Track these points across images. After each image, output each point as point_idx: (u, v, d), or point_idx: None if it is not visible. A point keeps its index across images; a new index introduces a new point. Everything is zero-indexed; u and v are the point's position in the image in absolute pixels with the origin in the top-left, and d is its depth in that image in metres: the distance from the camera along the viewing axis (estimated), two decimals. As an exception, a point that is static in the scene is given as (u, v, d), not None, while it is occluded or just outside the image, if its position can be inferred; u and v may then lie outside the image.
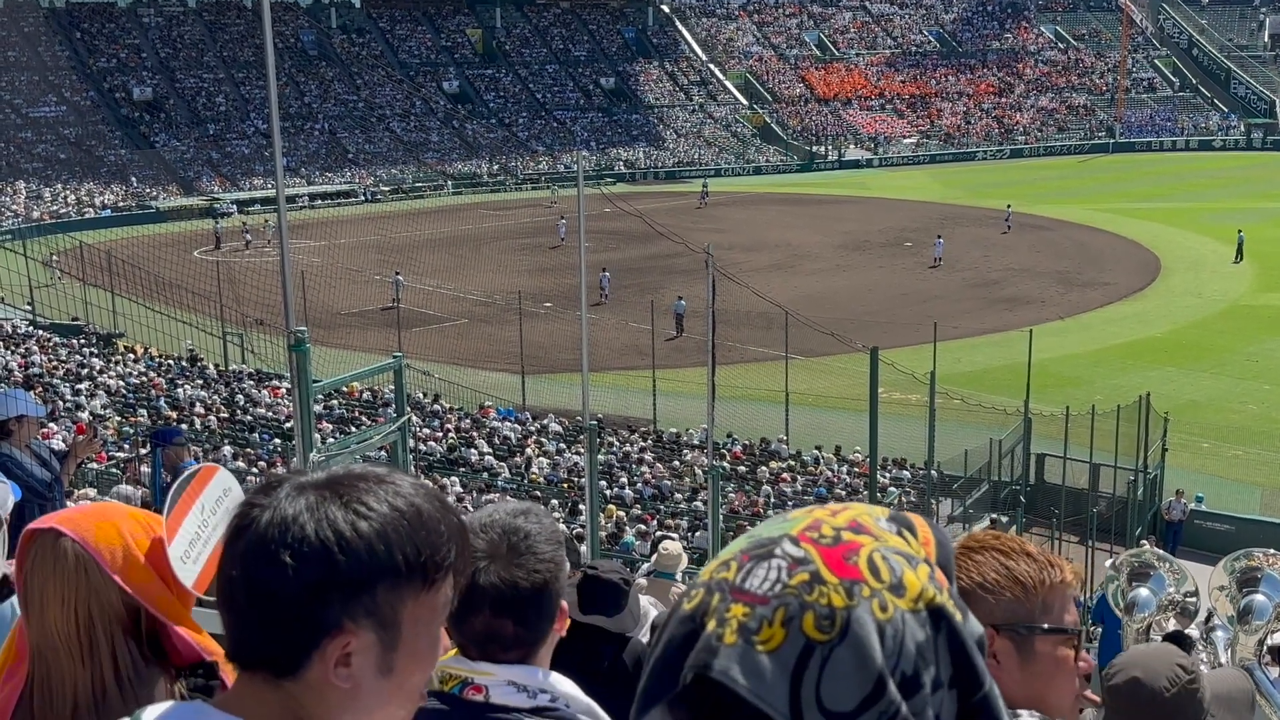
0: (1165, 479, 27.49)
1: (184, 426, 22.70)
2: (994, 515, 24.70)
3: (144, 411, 25.17)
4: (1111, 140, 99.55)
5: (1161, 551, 5.99)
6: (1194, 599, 4.28)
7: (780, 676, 1.00)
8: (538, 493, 21.90)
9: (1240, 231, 51.39)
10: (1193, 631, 8.57)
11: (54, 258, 43.14)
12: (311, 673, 1.35)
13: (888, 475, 25.24)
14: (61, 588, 2.04)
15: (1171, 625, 4.60)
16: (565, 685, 2.10)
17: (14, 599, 3.18)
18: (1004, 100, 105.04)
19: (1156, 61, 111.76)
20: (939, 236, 53.03)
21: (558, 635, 2.14)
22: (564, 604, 2.13)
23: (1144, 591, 4.22)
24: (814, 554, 1.06)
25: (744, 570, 1.06)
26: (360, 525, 1.34)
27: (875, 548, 1.07)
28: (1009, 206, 62.22)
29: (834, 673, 1.01)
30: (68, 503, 7.73)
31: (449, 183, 79.88)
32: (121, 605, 2.06)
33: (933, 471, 25.40)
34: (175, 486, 2.19)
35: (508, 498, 20.81)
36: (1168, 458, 27.88)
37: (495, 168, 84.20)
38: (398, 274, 43.13)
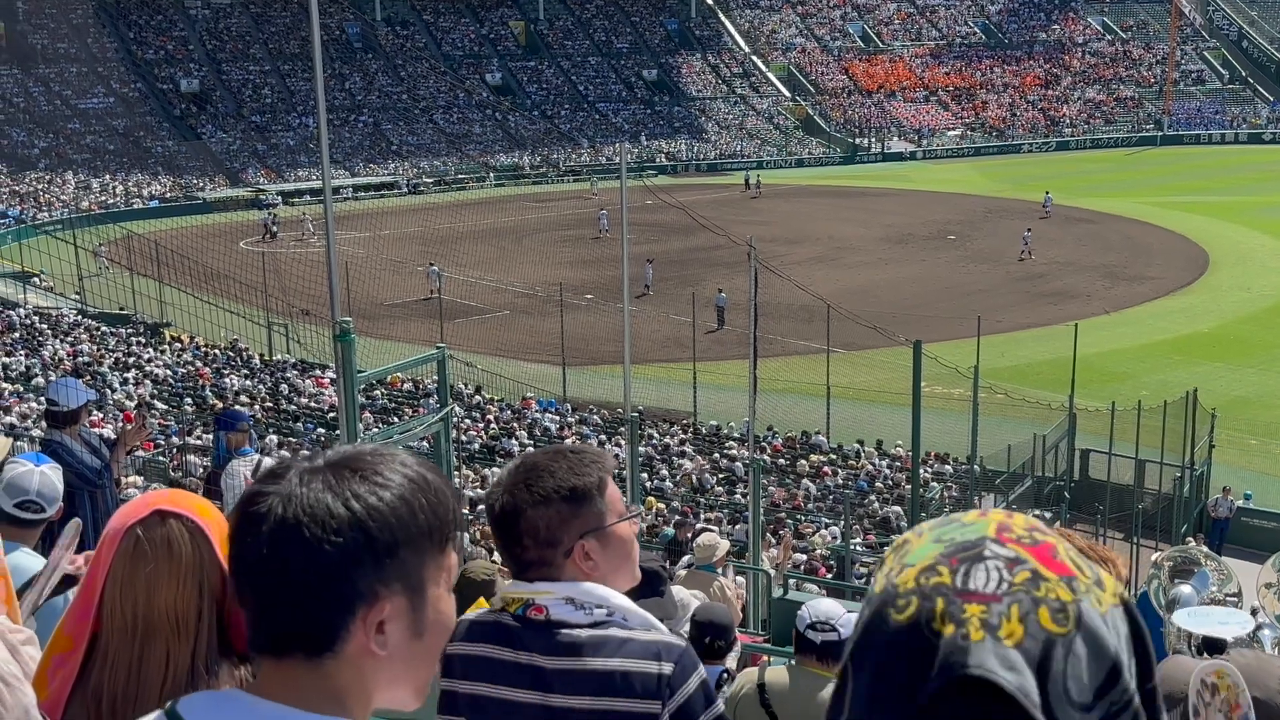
0: (1212, 475, 27.18)
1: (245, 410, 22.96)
2: (1037, 511, 24.51)
3: (190, 401, 25.47)
4: (1159, 133, 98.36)
5: (1208, 550, 5.93)
6: (1236, 598, 4.24)
7: (1029, 670, 1.00)
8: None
9: (1291, 225, 50.74)
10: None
11: (102, 247, 43.65)
12: (350, 645, 1.40)
13: (930, 470, 25.11)
14: (178, 567, 2.09)
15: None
16: (620, 599, 2.35)
17: (70, 591, 3.24)
18: (1050, 92, 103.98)
19: (1205, 53, 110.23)
20: (1027, 229, 52.30)
21: (599, 567, 2.36)
22: (594, 542, 2.35)
23: (1186, 589, 4.18)
24: (1024, 553, 1.06)
25: (960, 573, 1.04)
26: (384, 494, 1.42)
27: (1065, 547, 1.09)
28: (1047, 194, 61.89)
29: (1075, 664, 1.02)
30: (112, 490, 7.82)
31: (491, 175, 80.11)
32: (220, 582, 2.12)
33: (975, 466, 25.25)
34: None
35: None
36: (1215, 454, 27.56)
37: (537, 160, 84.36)
38: (433, 265, 43.01)
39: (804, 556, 17.41)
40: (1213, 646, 3.93)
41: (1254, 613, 4.47)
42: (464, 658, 2.42)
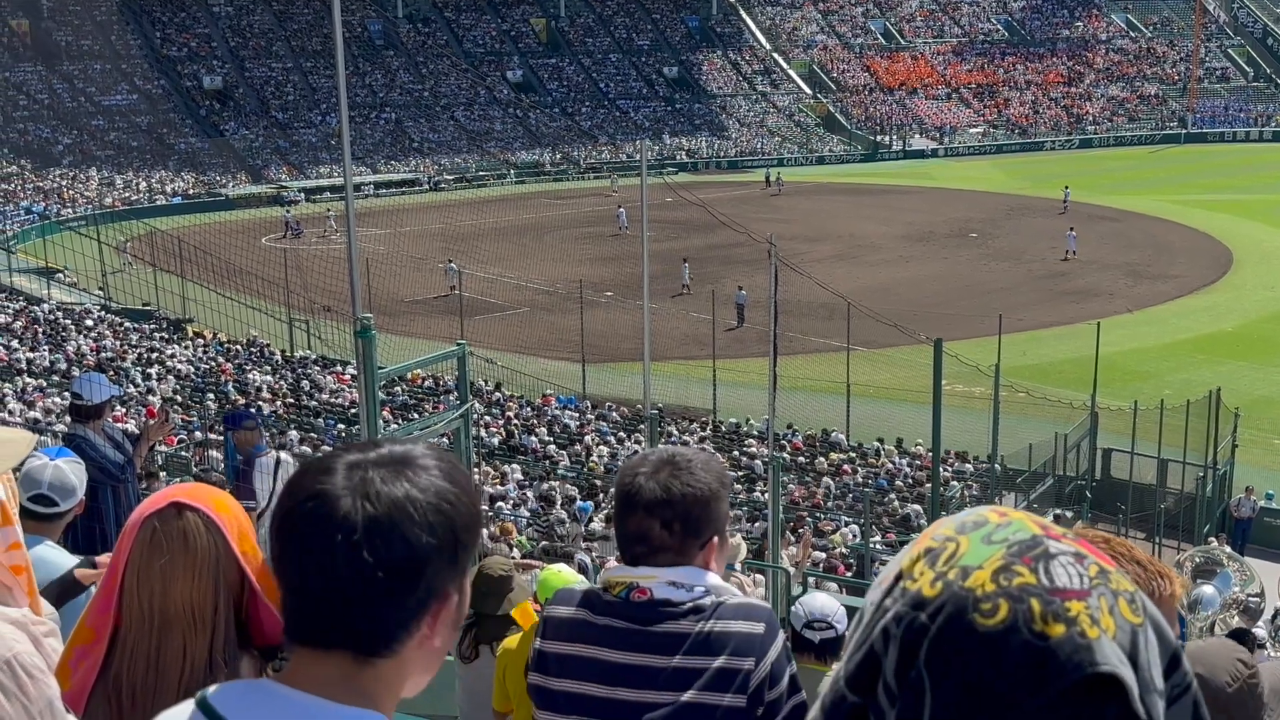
0: (1235, 475, 27.02)
1: (254, 409, 23.04)
2: (1058, 510, 24.40)
3: (212, 396, 25.59)
4: (1183, 131, 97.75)
5: (1230, 550, 5.91)
6: (1258, 598, 4.22)
7: (1126, 661, 0.99)
8: (597, 480, 21.97)
9: (1316, 224, 50.35)
10: (1260, 630, 8.43)
11: (126, 244, 43.89)
12: (408, 644, 1.36)
13: (950, 469, 25.03)
14: (193, 560, 2.10)
15: (1235, 624, 4.55)
16: (714, 578, 2.46)
17: (92, 587, 3.26)
18: (1073, 89, 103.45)
19: (1230, 50, 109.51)
20: (1070, 229, 51.85)
21: (710, 562, 2.46)
22: (717, 539, 2.46)
23: (1208, 589, 4.17)
24: (1079, 548, 1.04)
25: (1040, 572, 1.01)
26: (453, 489, 1.38)
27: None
28: (1066, 189, 61.59)
29: (1151, 652, 1.01)
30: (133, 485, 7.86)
31: (512, 171, 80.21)
32: (238, 576, 2.13)
33: (996, 465, 25.15)
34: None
35: (568, 484, 20.94)
36: (1237, 454, 27.40)
37: (558, 157, 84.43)
38: (451, 262, 42.94)
39: (824, 555, 17.38)
40: (1240, 638, 3.92)
41: (1276, 614, 4.46)
42: (558, 620, 2.52)
